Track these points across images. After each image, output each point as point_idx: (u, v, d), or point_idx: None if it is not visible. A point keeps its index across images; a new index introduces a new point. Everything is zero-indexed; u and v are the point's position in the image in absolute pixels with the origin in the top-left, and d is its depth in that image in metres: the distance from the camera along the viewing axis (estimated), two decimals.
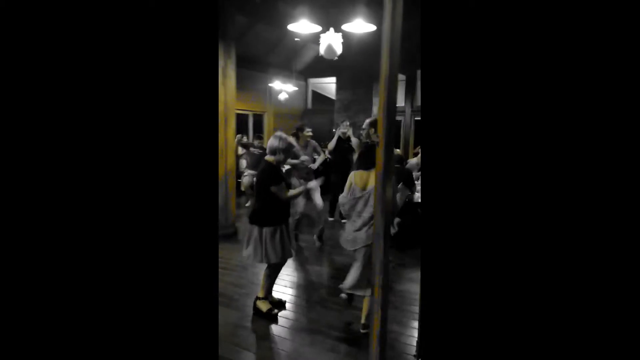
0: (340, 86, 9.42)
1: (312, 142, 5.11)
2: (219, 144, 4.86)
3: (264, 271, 3.04)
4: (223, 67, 4.81)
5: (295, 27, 3.91)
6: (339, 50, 4.12)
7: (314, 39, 4.94)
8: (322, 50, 4.14)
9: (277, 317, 2.98)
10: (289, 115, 9.83)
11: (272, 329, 2.86)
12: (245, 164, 6.95)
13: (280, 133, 2.96)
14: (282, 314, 3.06)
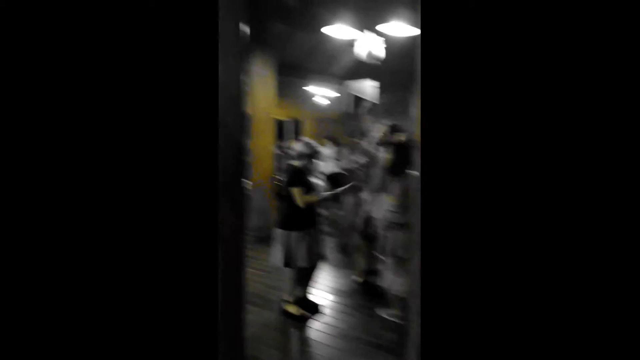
0: (381, 89, 9.28)
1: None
2: (257, 150, 4.99)
3: (292, 275, 3.04)
4: (264, 75, 4.94)
5: (330, 30, 3.91)
6: (382, 54, 4.03)
7: (351, 42, 4.93)
8: (364, 55, 4.07)
9: (310, 320, 2.96)
10: (329, 119, 9.85)
11: (306, 332, 2.85)
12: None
13: (307, 139, 2.97)
14: (319, 318, 3.04)
